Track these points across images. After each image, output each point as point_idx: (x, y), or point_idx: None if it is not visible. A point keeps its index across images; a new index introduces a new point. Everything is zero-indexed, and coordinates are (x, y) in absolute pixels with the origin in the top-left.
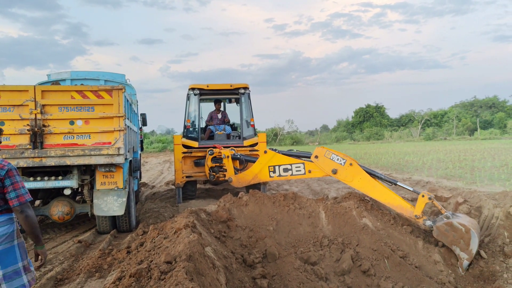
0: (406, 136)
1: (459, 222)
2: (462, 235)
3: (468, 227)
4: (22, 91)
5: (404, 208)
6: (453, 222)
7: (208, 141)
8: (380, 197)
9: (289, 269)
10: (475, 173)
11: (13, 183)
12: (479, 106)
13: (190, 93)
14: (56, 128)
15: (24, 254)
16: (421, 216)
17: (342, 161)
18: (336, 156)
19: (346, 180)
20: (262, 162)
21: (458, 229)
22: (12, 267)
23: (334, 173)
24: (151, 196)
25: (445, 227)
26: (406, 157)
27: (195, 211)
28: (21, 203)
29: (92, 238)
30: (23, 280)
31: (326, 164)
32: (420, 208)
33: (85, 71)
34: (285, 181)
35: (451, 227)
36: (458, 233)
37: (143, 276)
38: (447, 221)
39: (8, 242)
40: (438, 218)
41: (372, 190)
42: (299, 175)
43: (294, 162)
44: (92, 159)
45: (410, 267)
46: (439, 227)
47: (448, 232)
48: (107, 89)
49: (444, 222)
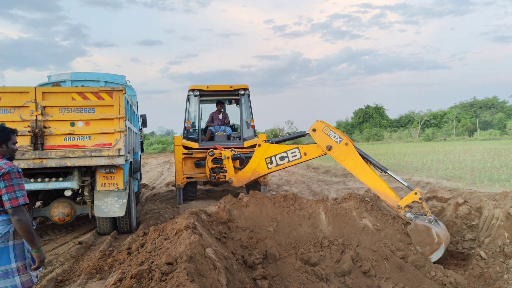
0: (405, 137)
1: (437, 232)
2: (432, 244)
3: (441, 240)
4: (23, 92)
5: (389, 196)
6: (432, 229)
7: (209, 142)
8: (368, 181)
9: (290, 270)
10: (475, 174)
11: (7, 186)
12: (479, 106)
13: (190, 94)
14: (56, 129)
15: (21, 256)
16: (403, 208)
17: (338, 139)
18: (333, 133)
19: (338, 158)
20: (258, 156)
21: (432, 237)
22: (4, 267)
23: (329, 150)
24: (152, 197)
25: (423, 228)
26: (406, 157)
27: (196, 212)
28: (12, 206)
29: (93, 239)
30: (15, 281)
31: (322, 139)
32: (406, 201)
33: (85, 73)
34: (285, 182)
35: (428, 232)
36: (430, 240)
37: (144, 277)
38: (428, 225)
39: (2, 242)
40: (421, 217)
41: (361, 173)
42: (295, 160)
43: (289, 148)
44: (93, 160)
45: (410, 268)
46: (418, 225)
47: (422, 234)
48: (108, 91)
49: (425, 224)
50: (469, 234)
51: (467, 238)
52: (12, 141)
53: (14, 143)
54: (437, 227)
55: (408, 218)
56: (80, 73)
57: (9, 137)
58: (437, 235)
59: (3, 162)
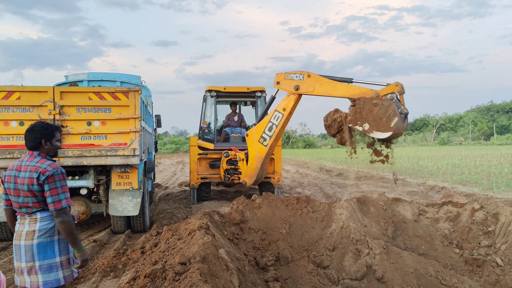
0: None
1: (397, 122)
2: (384, 126)
3: (393, 130)
4: (41, 92)
5: (367, 91)
6: (396, 118)
7: (224, 143)
8: (342, 93)
9: (302, 273)
10: (491, 179)
11: (51, 189)
12: (496, 110)
13: (207, 95)
14: (73, 128)
15: (65, 250)
16: (381, 96)
17: (300, 76)
18: (293, 74)
19: (308, 91)
20: (252, 143)
21: (390, 121)
22: (48, 260)
23: (297, 89)
24: (165, 197)
25: (391, 111)
26: (421, 161)
27: (209, 212)
28: (56, 209)
29: (107, 237)
30: (59, 275)
31: (288, 85)
32: (386, 91)
33: (102, 73)
34: (298, 184)
35: (391, 115)
36: (387, 122)
37: (157, 276)
38: (396, 111)
39: (47, 237)
40: (399, 104)
41: (334, 90)
42: (281, 121)
43: (269, 117)
44: (108, 159)
45: (425, 274)
46: (389, 104)
47: (385, 113)
48: (124, 91)
49: (394, 108)
50: (485, 240)
51: (483, 245)
52: (56, 138)
53: (58, 140)
54: (401, 119)
55: (389, 97)
56: (96, 73)
57: (53, 135)
58: (395, 124)
59: (47, 163)
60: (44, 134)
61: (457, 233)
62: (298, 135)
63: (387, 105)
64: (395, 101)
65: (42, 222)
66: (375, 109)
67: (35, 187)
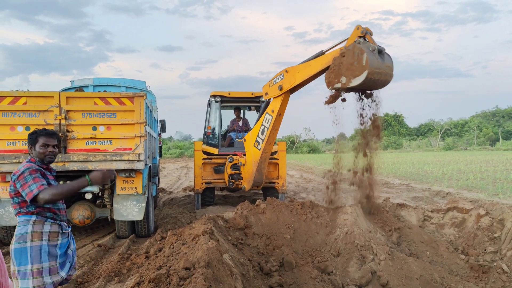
0: (425, 146)
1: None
2: (358, 68)
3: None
4: (47, 97)
5: (334, 52)
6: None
7: (228, 148)
8: (318, 67)
9: (306, 278)
10: (497, 185)
11: (22, 185)
12: (501, 116)
13: (212, 100)
14: (79, 133)
15: (37, 259)
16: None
17: (281, 76)
18: (275, 78)
19: (292, 84)
20: (249, 148)
21: (361, 61)
22: (23, 266)
23: (281, 90)
24: (169, 201)
25: (358, 51)
26: (426, 167)
27: (213, 217)
28: (30, 199)
29: (112, 242)
30: (29, 284)
31: (274, 90)
32: (351, 39)
33: (107, 78)
34: (302, 189)
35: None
36: (359, 65)
37: (162, 281)
38: (363, 49)
39: (21, 243)
40: (367, 44)
41: (310, 69)
42: (271, 123)
43: (261, 120)
44: (113, 164)
45: (431, 281)
46: (354, 46)
47: (354, 56)
48: (129, 96)
49: (361, 47)
50: (491, 246)
51: (488, 251)
52: (40, 143)
53: (44, 145)
54: (372, 55)
55: (355, 41)
56: (102, 78)
57: (36, 140)
58: (367, 60)
59: (22, 164)
60: (29, 140)
61: (463, 239)
62: (302, 140)
63: (352, 47)
64: (362, 43)
65: (18, 227)
66: (344, 60)
67: (11, 188)
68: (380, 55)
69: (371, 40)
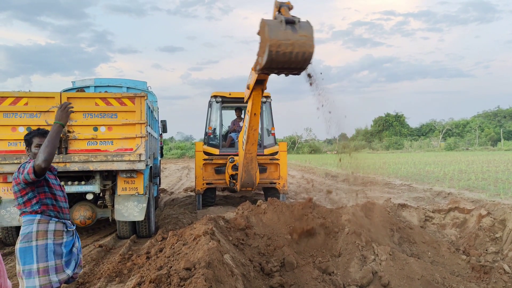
0: (426, 146)
1: (270, 29)
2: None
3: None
4: (49, 97)
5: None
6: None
7: (229, 149)
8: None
9: (307, 279)
10: (498, 185)
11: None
12: (503, 116)
13: (212, 101)
14: (80, 134)
15: (42, 258)
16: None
17: (250, 75)
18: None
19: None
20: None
21: (265, 34)
22: (28, 266)
23: (248, 89)
24: (170, 202)
25: (262, 24)
26: (427, 167)
27: (214, 218)
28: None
29: (113, 242)
30: (35, 283)
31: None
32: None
33: (108, 78)
34: (303, 190)
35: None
36: (264, 38)
37: (162, 282)
38: (265, 21)
39: (26, 242)
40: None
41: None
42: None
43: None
44: (114, 165)
45: (432, 282)
46: (261, 21)
47: (262, 31)
48: (130, 97)
49: (264, 19)
50: (493, 247)
51: (490, 251)
52: (35, 144)
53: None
54: (278, 26)
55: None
56: (103, 79)
57: (31, 141)
58: (268, 31)
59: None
60: (25, 141)
61: (464, 239)
62: (303, 141)
63: (260, 24)
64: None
65: (23, 227)
66: (260, 40)
67: (14, 189)
68: (291, 25)
69: (285, 13)
